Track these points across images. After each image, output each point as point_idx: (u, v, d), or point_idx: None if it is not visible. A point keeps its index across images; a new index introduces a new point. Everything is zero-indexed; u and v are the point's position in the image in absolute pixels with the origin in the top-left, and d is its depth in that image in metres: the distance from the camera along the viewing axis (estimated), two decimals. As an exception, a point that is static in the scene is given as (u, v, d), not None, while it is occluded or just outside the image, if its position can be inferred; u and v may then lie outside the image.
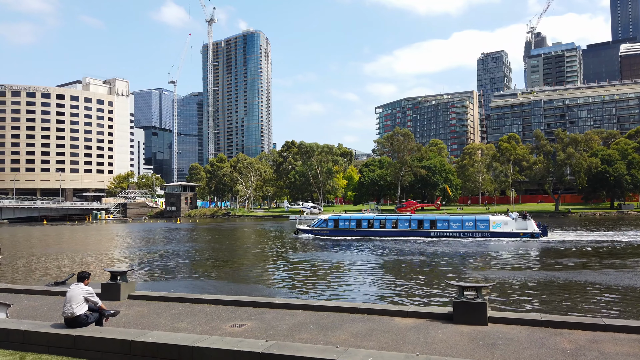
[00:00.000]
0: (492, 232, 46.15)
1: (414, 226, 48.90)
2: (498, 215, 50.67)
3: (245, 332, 10.47)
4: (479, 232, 46.44)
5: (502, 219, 47.05)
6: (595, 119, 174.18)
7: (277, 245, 45.43)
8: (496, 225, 46.38)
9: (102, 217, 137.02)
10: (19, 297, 14.62)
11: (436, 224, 48.23)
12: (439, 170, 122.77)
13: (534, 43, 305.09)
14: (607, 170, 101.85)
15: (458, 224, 47.56)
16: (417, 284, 22.57)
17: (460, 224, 47.48)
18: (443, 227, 47.73)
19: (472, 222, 47.21)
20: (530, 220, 46.36)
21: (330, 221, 52.63)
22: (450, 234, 47.15)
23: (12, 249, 44.70)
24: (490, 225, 46.47)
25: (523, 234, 45.28)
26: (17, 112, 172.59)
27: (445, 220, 48.22)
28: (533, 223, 46.06)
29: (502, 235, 45.73)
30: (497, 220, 47.01)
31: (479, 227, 46.67)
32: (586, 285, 21.33)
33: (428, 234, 47.99)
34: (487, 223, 46.68)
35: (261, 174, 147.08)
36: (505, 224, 46.30)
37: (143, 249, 43.64)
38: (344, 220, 52.50)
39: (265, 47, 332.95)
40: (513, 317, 10.85)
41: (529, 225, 45.76)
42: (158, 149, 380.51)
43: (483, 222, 46.96)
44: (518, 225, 46.10)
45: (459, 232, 47.05)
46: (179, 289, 21.95)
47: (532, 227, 45.59)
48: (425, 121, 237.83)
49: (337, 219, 52.80)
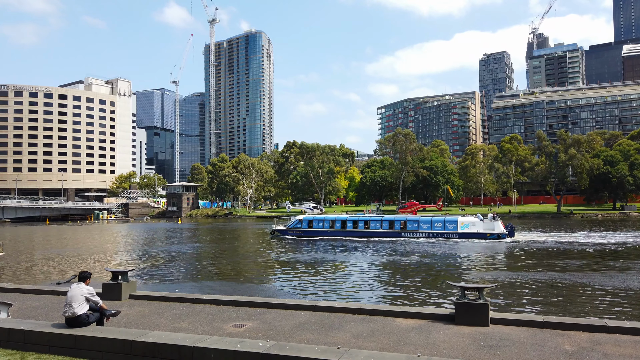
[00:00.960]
0: (460, 232, 47.19)
1: (385, 227, 50.13)
2: (467, 216, 51.55)
3: (246, 332, 10.45)
4: (448, 233, 47.54)
5: (470, 220, 48.14)
6: (597, 120, 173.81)
7: (262, 244, 45.47)
8: (464, 226, 47.44)
9: (103, 217, 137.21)
10: (20, 297, 14.62)
11: (407, 225, 49.44)
12: (440, 171, 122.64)
13: (536, 44, 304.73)
14: (609, 172, 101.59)
15: (428, 225, 48.68)
16: (414, 285, 22.52)
17: (429, 225, 48.60)
18: (413, 228, 48.91)
19: (441, 223, 48.35)
20: (497, 221, 47.24)
21: (305, 222, 53.75)
22: (420, 235, 48.31)
23: (14, 248, 44.77)
24: (459, 226, 47.55)
25: (490, 235, 46.17)
26: (20, 112, 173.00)
27: (416, 221, 49.47)
28: (500, 224, 46.95)
29: (469, 236, 46.71)
30: (465, 221, 48.02)
31: (447, 228, 47.78)
32: (577, 286, 21.28)
33: (399, 234, 49.09)
34: (456, 224, 47.76)
35: (263, 174, 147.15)
36: (473, 225, 47.45)
37: (144, 249, 43.67)
38: (318, 220, 53.66)
39: (267, 48, 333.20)
40: (515, 318, 10.81)
41: (496, 226, 46.57)
42: (160, 149, 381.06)
43: (451, 223, 48.07)
44: (485, 226, 47.09)
45: (429, 232, 48.24)
46: (180, 289, 21.96)
47: (499, 228, 46.42)
48: (427, 122, 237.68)
49: (312, 220, 53.91)
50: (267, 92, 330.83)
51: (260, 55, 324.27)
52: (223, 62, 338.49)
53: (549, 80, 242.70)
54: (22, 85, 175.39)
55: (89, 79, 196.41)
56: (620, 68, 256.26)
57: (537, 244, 41.19)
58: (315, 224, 53.01)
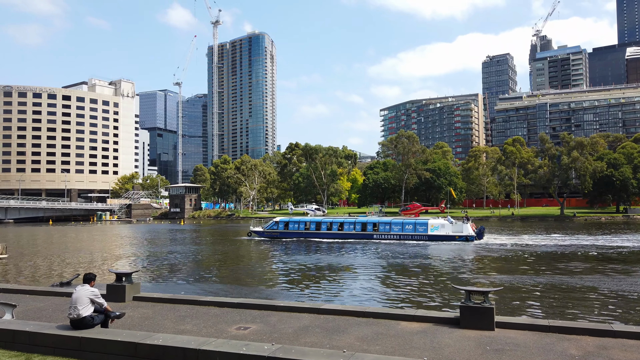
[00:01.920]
0: (430, 235, 47.93)
1: (358, 229, 51.12)
2: (438, 218, 52.35)
3: (251, 334, 10.43)
4: (418, 235, 48.30)
5: (439, 223, 48.82)
6: (601, 123, 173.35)
7: (247, 246, 45.46)
8: (434, 229, 48.21)
9: (106, 218, 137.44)
10: (24, 298, 14.63)
11: (379, 227, 50.07)
12: (443, 173, 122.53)
13: (539, 46, 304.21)
14: (613, 174, 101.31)
15: (399, 227, 49.41)
16: (410, 288, 22.46)
17: (401, 227, 49.33)
18: (385, 230, 49.61)
19: (412, 225, 49.16)
20: (467, 224, 47.83)
21: (281, 223, 54.75)
22: (392, 237, 48.98)
23: (17, 249, 44.86)
24: (429, 229, 48.41)
25: (458, 237, 46.76)
26: (24, 112, 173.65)
27: (387, 224, 50.16)
28: (469, 227, 47.54)
29: (439, 238, 47.44)
30: (435, 223, 48.75)
31: (418, 230, 48.57)
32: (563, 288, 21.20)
33: (371, 236, 49.80)
34: (426, 226, 48.50)
35: (265, 175, 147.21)
36: (442, 227, 48.32)
37: (147, 251, 43.71)
38: (293, 222, 54.66)
39: (270, 49, 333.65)
40: (520, 322, 10.76)
41: (465, 228, 47.17)
42: (163, 150, 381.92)
43: (422, 225, 48.79)
44: (454, 229, 47.64)
45: (400, 234, 48.92)
46: (183, 291, 21.98)
47: (468, 230, 46.95)
48: (430, 124, 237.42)
49: (288, 221, 54.93)
50: (269, 93, 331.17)
51: (263, 56, 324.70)
52: (226, 64, 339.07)
53: (552, 83, 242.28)
54: (26, 86, 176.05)
55: (93, 80, 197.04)
56: (624, 70, 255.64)
57: (500, 247, 41.90)
58: (291, 225, 54.15)
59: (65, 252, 42.12)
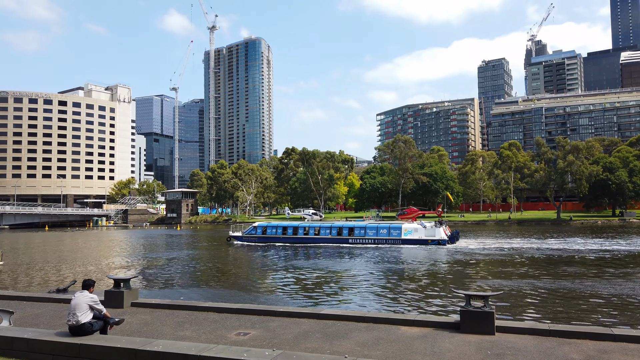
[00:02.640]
0: (404, 239, 48.47)
1: (334, 233, 51.54)
2: (412, 222, 52.96)
3: (251, 340, 10.38)
4: (392, 239, 48.83)
5: (413, 227, 49.37)
6: (596, 127, 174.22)
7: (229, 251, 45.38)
8: (407, 233, 48.74)
9: (102, 224, 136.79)
10: (22, 304, 14.53)
11: (354, 231, 50.70)
12: (440, 178, 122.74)
13: (534, 51, 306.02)
14: (608, 178, 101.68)
15: (374, 231, 49.86)
16: (406, 291, 22.43)
17: (375, 232, 49.78)
18: (360, 235, 50.15)
19: (386, 230, 49.62)
20: (439, 228, 48.46)
21: (260, 228, 55.51)
22: (366, 241, 49.54)
23: (13, 255, 44.59)
24: (402, 233, 48.80)
25: (431, 241, 47.47)
26: (19, 118, 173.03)
27: (362, 228, 50.70)
28: (442, 231, 48.13)
29: (412, 242, 48.09)
30: (408, 228, 49.34)
31: (392, 235, 49.06)
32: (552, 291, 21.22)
33: (346, 240, 50.38)
34: (400, 231, 49.04)
35: (262, 180, 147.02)
36: (415, 232, 48.66)
37: (144, 256, 43.52)
38: (271, 227, 55.39)
39: (267, 54, 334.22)
40: (520, 326, 10.75)
41: (437, 232, 47.86)
42: (159, 155, 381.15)
43: (396, 230, 49.31)
44: (427, 233, 48.30)
45: (374, 239, 49.43)
46: (181, 296, 21.88)
47: (440, 234, 47.65)
48: (427, 128, 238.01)
49: (266, 227, 55.65)
50: (266, 98, 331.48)
51: (260, 61, 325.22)
52: (223, 69, 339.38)
53: (548, 87, 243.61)
54: (21, 91, 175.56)
55: (89, 85, 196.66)
56: (619, 75, 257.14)
57: (471, 250, 42.56)
58: (269, 230, 54.93)
59: (61, 258, 41.90)
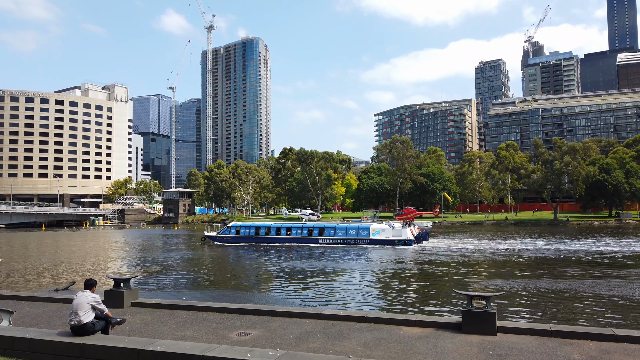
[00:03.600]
0: (372, 239, 49.28)
1: (305, 234, 52.35)
2: (380, 223, 53.80)
3: (252, 340, 10.36)
4: (361, 239, 49.66)
5: (381, 227, 50.15)
6: (593, 128, 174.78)
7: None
8: (375, 233, 49.52)
9: (99, 223, 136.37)
10: (21, 304, 14.47)
11: (324, 231, 51.62)
12: (437, 178, 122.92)
13: (531, 52, 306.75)
14: (605, 179, 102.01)
15: (343, 231, 50.77)
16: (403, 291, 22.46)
17: (345, 232, 50.66)
18: (330, 235, 51.04)
19: (355, 230, 50.53)
20: (406, 229, 49.41)
21: (233, 228, 56.26)
22: (336, 241, 50.42)
23: (10, 255, 44.41)
24: (370, 233, 49.57)
25: (397, 241, 48.35)
26: (16, 117, 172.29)
27: (332, 228, 51.60)
28: (408, 231, 48.80)
29: (379, 243, 48.91)
30: (376, 228, 50.13)
31: (360, 235, 49.92)
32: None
33: (317, 240, 51.22)
34: (368, 231, 49.85)
35: (260, 180, 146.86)
36: (383, 232, 49.41)
37: (142, 256, 43.42)
38: (244, 227, 56.07)
39: (265, 54, 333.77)
40: (522, 327, 10.78)
41: (403, 233, 48.75)
42: (156, 155, 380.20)
43: (364, 230, 50.15)
44: (394, 233, 49.14)
45: (343, 239, 50.28)
46: (180, 296, 21.83)
47: (406, 235, 48.52)
48: (424, 129, 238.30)
49: (239, 227, 56.34)
50: (264, 98, 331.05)
51: (257, 61, 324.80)
52: (220, 69, 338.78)
53: (545, 88, 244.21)
54: (18, 90, 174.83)
55: (86, 84, 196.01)
56: (615, 76, 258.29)
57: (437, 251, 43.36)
58: (242, 230, 55.59)
59: (58, 258, 41.76)
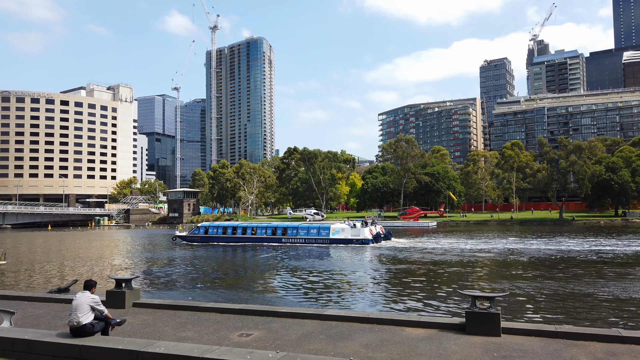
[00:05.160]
0: (332, 238, 50.21)
1: (269, 233, 53.43)
2: (339, 222, 54.75)
3: (253, 342, 10.26)
4: (321, 239, 50.62)
5: (340, 227, 51.03)
6: (598, 127, 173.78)
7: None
8: (335, 232, 50.50)
9: (104, 223, 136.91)
10: (23, 305, 14.44)
11: (287, 231, 52.71)
12: (442, 177, 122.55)
13: (536, 50, 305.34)
14: (611, 178, 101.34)
15: (305, 231, 51.87)
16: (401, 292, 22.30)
17: (306, 232, 51.75)
18: (292, 234, 52.05)
19: (316, 230, 51.53)
20: (365, 228, 49.87)
21: (202, 228, 57.69)
22: (298, 240, 51.41)
23: (15, 255, 44.56)
24: (331, 233, 50.54)
25: (356, 240, 49.24)
26: (22, 117, 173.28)
27: (295, 228, 52.63)
28: (366, 231, 49.47)
29: (339, 242, 49.81)
30: (336, 227, 51.05)
31: (321, 234, 50.91)
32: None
33: (280, 240, 52.24)
34: (328, 230, 50.84)
35: (265, 179, 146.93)
36: (342, 231, 50.33)
37: (146, 256, 43.46)
38: (213, 227, 57.54)
39: (269, 54, 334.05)
40: (527, 328, 10.62)
41: (361, 232, 49.48)
42: (161, 155, 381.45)
43: (325, 230, 51.11)
44: (353, 233, 49.92)
45: (305, 238, 51.29)
46: (183, 297, 21.77)
47: (364, 234, 49.29)
48: (428, 128, 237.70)
49: (208, 227, 57.79)
50: (268, 98, 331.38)
51: (262, 61, 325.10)
52: (224, 69, 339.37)
53: (550, 87, 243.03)
54: (24, 91, 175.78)
55: (91, 85, 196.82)
56: (621, 75, 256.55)
57: (394, 249, 43.82)
58: (211, 230, 56.87)
59: (63, 258, 41.86)
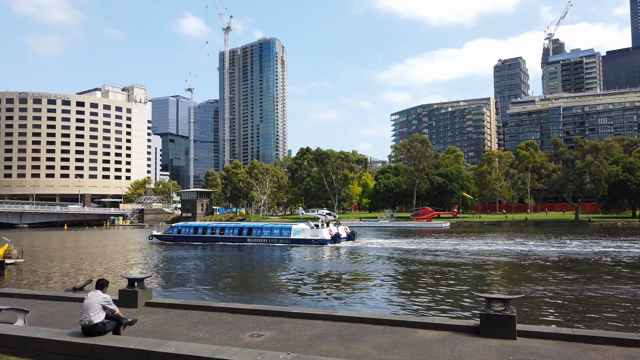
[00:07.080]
0: (293, 238, 51.79)
1: (235, 233, 55.34)
2: (304, 223, 55.81)
3: (264, 342, 10.19)
4: (283, 239, 52.18)
5: (301, 227, 52.71)
6: (615, 126, 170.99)
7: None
8: (295, 233, 52.05)
9: (119, 223, 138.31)
10: (37, 303, 14.56)
11: (252, 231, 54.56)
12: (455, 178, 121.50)
13: (551, 50, 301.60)
14: (628, 179, 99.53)
15: (268, 231, 53.45)
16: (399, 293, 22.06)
17: (270, 232, 53.31)
18: (257, 234, 53.85)
19: (278, 230, 53.19)
20: (323, 229, 51.46)
21: (176, 228, 60.03)
22: (261, 240, 53.05)
23: (32, 253, 45.17)
24: (292, 233, 52.11)
25: (314, 241, 50.88)
26: (38, 119, 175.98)
27: (259, 228, 54.49)
28: (325, 231, 51.13)
29: (299, 242, 51.28)
30: (297, 228, 52.67)
31: (283, 235, 52.50)
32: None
33: (245, 239, 54.05)
34: (289, 231, 52.47)
35: (278, 179, 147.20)
36: (302, 232, 51.93)
37: (159, 255, 43.74)
38: (185, 227, 59.83)
39: (281, 55, 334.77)
40: (543, 331, 10.39)
41: (320, 233, 51.07)
42: (175, 155, 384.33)
43: (286, 230, 52.84)
44: (312, 233, 51.60)
45: (268, 238, 52.87)
46: (195, 296, 21.83)
47: (322, 235, 50.91)
48: (442, 128, 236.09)
49: (181, 227, 60.13)
50: (280, 98, 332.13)
51: (274, 62, 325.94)
52: (237, 69, 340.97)
53: (566, 86, 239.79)
54: (40, 92, 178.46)
55: (106, 86, 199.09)
56: (638, 74, 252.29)
57: (351, 249, 45.21)
58: (183, 230, 59.13)
59: (79, 257, 42.32)
